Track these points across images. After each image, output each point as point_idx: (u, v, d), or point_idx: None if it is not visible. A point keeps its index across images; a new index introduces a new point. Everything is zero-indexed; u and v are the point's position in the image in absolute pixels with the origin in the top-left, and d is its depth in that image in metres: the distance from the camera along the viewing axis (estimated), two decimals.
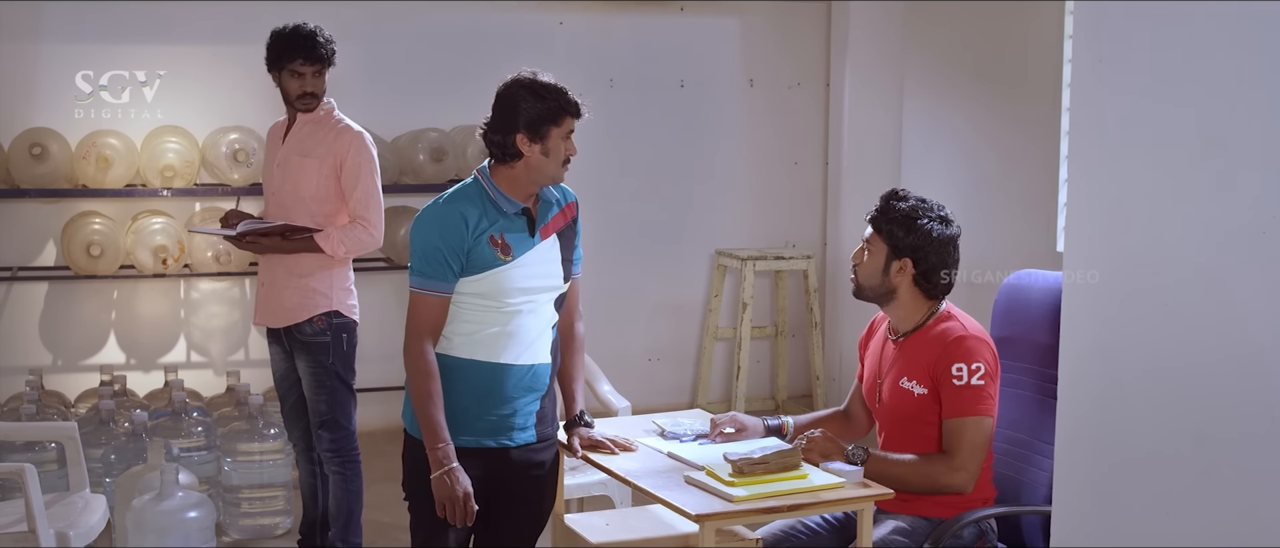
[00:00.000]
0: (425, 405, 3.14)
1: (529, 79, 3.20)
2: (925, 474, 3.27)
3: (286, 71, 4.26)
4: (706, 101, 6.84)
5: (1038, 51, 5.73)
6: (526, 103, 3.16)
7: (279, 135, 4.42)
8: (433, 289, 3.16)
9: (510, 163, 3.19)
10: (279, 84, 4.31)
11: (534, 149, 3.17)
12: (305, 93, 4.27)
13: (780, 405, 6.93)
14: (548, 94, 3.17)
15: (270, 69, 4.31)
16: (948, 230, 3.37)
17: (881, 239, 3.39)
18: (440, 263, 3.13)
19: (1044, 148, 5.67)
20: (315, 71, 4.27)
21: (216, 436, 5.12)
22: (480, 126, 3.24)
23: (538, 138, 3.16)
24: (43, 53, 5.92)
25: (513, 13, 6.46)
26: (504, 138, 3.17)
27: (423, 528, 3.28)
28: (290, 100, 4.31)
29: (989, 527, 3.33)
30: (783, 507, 3.06)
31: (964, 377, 3.25)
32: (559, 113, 3.18)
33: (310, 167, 4.28)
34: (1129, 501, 2.39)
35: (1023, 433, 3.46)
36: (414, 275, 3.18)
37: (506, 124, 3.17)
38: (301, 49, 4.24)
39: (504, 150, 3.18)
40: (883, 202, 3.42)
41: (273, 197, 4.38)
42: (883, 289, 3.40)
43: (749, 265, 6.54)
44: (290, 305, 4.29)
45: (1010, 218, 5.82)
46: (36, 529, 3.86)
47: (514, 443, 3.25)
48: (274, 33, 4.30)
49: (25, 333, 6.05)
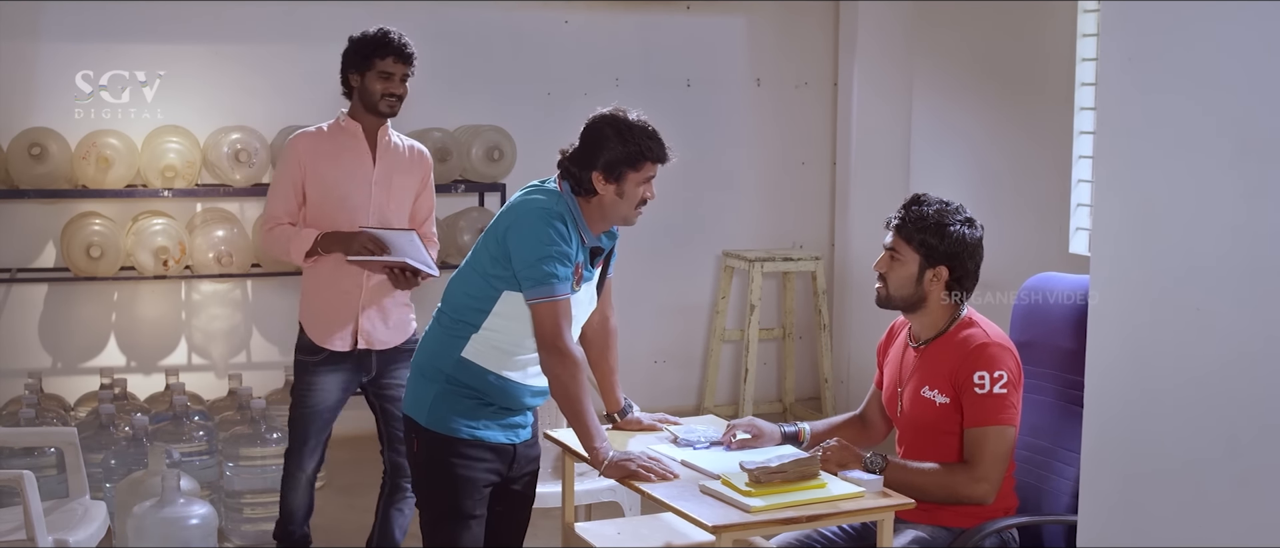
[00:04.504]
0: (581, 403, 3.19)
1: (619, 117, 3.21)
2: (945, 484, 3.21)
3: (373, 72, 4.12)
4: (713, 101, 6.80)
5: (1050, 51, 5.67)
6: (611, 142, 3.18)
7: (334, 146, 4.19)
8: (562, 291, 3.17)
9: (586, 196, 3.23)
10: (360, 86, 4.15)
11: (609, 189, 3.20)
12: (391, 94, 4.13)
13: (788, 408, 6.88)
14: (632, 137, 3.18)
15: (351, 71, 4.17)
16: (976, 233, 3.32)
17: (912, 247, 3.31)
18: (558, 259, 3.15)
19: (1056, 149, 5.62)
20: (404, 73, 4.15)
21: (218, 440, 5.07)
22: (562, 153, 3.26)
23: (614, 179, 3.19)
24: (42, 52, 5.88)
25: (518, 11, 6.42)
26: (581, 172, 3.20)
27: (441, 529, 3.29)
28: (374, 103, 4.14)
29: (1011, 537, 3.28)
30: (801, 517, 3.00)
31: (986, 385, 3.19)
32: (640, 158, 3.20)
33: (409, 186, 4.23)
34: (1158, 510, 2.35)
35: (1044, 440, 3.40)
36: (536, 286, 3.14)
37: (586, 159, 3.20)
38: (392, 48, 4.13)
39: (579, 184, 3.21)
40: (907, 209, 3.34)
41: (375, 214, 4.17)
42: (915, 298, 3.34)
43: (756, 267, 6.49)
44: (394, 325, 4.22)
45: (1021, 220, 5.77)
46: (35, 537, 3.81)
47: (520, 440, 3.33)
48: (358, 35, 4.21)
49: (24, 335, 5.99)
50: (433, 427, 3.25)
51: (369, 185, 4.18)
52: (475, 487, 3.26)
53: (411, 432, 3.32)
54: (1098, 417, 2.47)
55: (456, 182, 6.01)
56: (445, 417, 3.24)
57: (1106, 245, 2.45)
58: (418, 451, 3.31)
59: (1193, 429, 2.27)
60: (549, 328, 3.16)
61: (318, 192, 4.17)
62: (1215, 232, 2.21)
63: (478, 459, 3.24)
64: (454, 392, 3.25)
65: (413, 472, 3.43)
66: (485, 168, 6.05)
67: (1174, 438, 2.30)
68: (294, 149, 4.20)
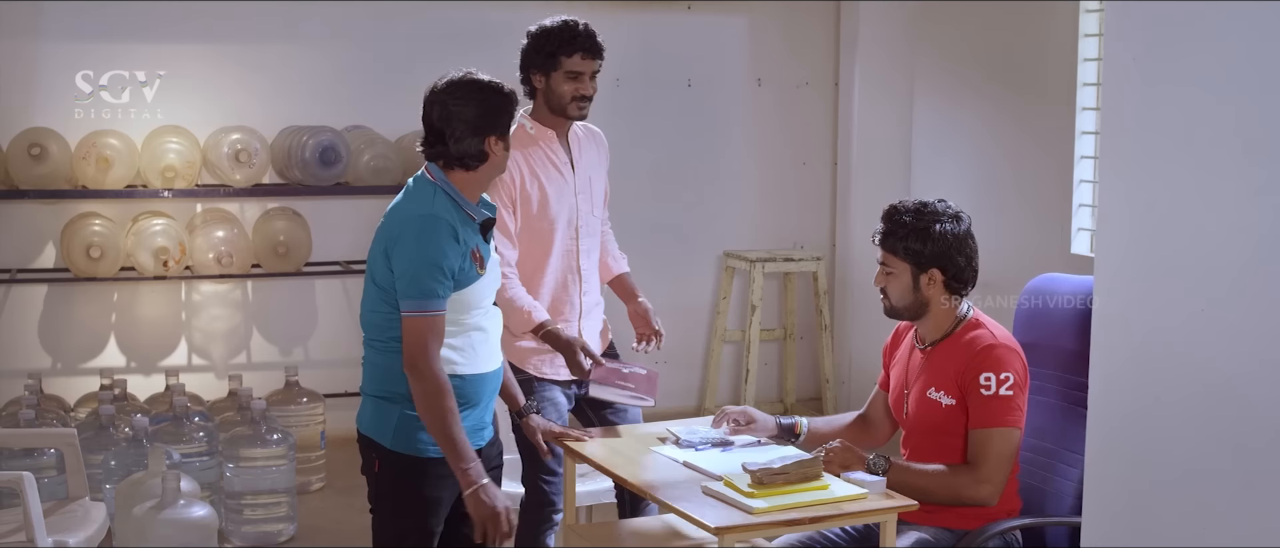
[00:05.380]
0: (450, 424, 3.04)
1: (478, 79, 3.14)
2: (949, 486, 3.20)
3: (561, 72, 3.68)
4: (713, 101, 6.78)
5: (1052, 51, 5.66)
6: (491, 101, 3.12)
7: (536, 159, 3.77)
8: (436, 308, 3.05)
9: (474, 168, 3.13)
10: (545, 87, 3.73)
11: (499, 147, 3.14)
12: (582, 96, 3.71)
13: (789, 409, 6.87)
14: (500, 89, 3.14)
15: (534, 70, 3.73)
16: (960, 226, 3.30)
17: (899, 258, 3.31)
18: (442, 276, 3.04)
19: (1058, 149, 5.61)
20: (594, 70, 3.73)
21: (218, 441, 5.05)
22: (422, 144, 3.16)
23: (504, 135, 3.14)
24: (42, 52, 5.86)
25: (519, 11, 6.36)
26: (462, 146, 3.10)
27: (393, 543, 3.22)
28: (563, 106, 3.72)
29: (1014, 538, 3.27)
30: (804, 519, 2.99)
31: (992, 387, 3.18)
32: (514, 106, 3.17)
33: (600, 180, 3.96)
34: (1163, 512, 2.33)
35: (1048, 442, 3.39)
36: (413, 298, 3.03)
37: (473, 129, 3.09)
38: (580, 42, 3.68)
39: (460, 159, 3.11)
40: (886, 221, 3.33)
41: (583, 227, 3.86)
42: (917, 305, 3.33)
43: (757, 267, 6.48)
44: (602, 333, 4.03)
45: (1023, 220, 5.76)
46: (35, 539, 3.79)
47: (483, 443, 3.23)
48: (542, 29, 3.73)
49: (24, 336, 5.98)
50: (398, 448, 3.13)
51: (573, 196, 3.82)
52: (442, 505, 3.18)
53: (372, 452, 3.19)
54: (1102, 419, 2.45)
55: None
56: (411, 438, 3.12)
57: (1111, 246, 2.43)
58: (379, 472, 3.19)
59: (1198, 431, 2.25)
60: (414, 344, 3.03)
61: (527, 210, 3.76)
62: (1221, 232, 2.20)
63: (445, 476, 3.13)
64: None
65: (373, 492, 3.24)
66: None
67: (1179, 440, 2.29)
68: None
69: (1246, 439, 2.16)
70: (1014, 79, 5.97)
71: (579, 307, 3.90)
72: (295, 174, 5.84)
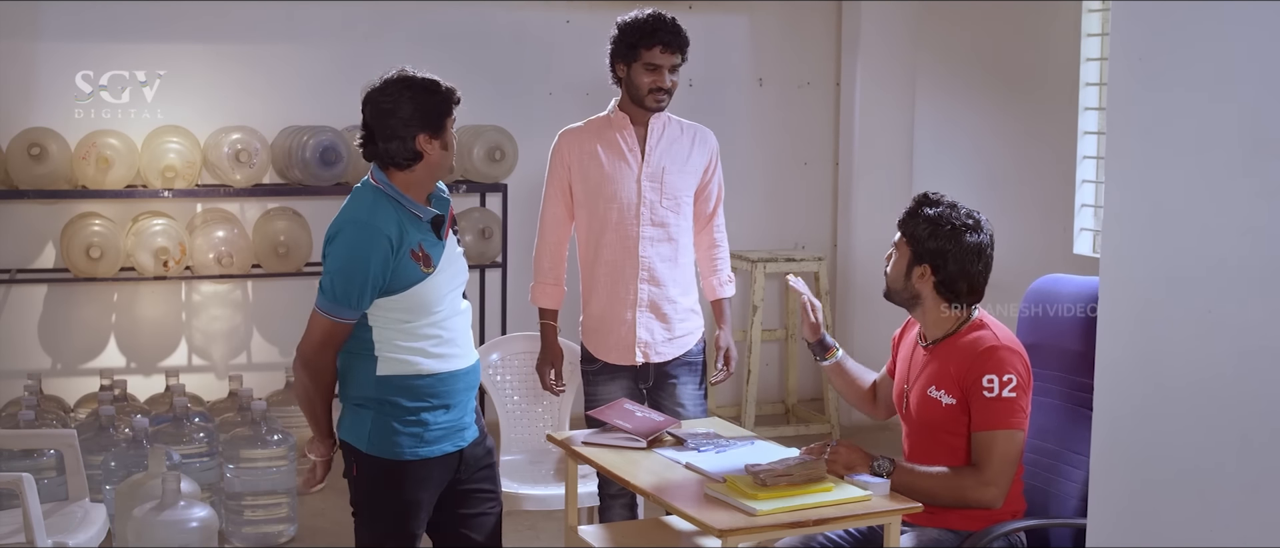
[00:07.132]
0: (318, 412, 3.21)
1: (409, 77, 3.13)
2: (953, 488, 3.18)
3: (640, 63, 3.75)
4: (715, 101, 6.76)
5: (1054, 51, 5.66)
6: (421, 99, 3.10)
7: (600, 141, 3.88)
8: (347, 316, 3.08)
9: (409, 167, 3.11)
10: (626, 78, 3.80)
11: (434, 146, 3.11)
12: (660, 89, 3.78)
13: (790, 409, 6.86)
14: (435, 88, 3.12)
15: (617, 60, 3.80)
16: (974, 238, 3.28)
17: (905, 241, 3.34)
18: (362, 289, 3.04)
19: (1060, 149, 5.60)
20: (673, 63, 3.78)
21: (219, 441, 5.04)
22: (359, 138, 3.16)
23: (438, 133, 3.11)
24: (42, 52, 5.85)
25: (519, 11, 6.39)
26: (401, 142, 3.08)
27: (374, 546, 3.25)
28: (640, 97, 3.79)
29: (1018, 540, 3.25)
30: (807, 521, 2.97)
31: (995, 389, 3.16)
32: (450, 104, 3.15)
33: (689, 176, 3.94)
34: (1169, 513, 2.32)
35: (1052, 443, 3.38)
36: (328, 299, 3.05)
37: (402, 127, 3.08)
38: (662, 35, 3.74)
39: (397, 158, 3.10)
40: (913, 204, 3.36)
41: (647, 212, 3.88)
42: (907, 294, 3.35)
43: (759, 267, 6.47)
44: (678, 334, 3.97)
45: (1025, 220, 5.75)
46: (35, 540, 3.79)
47: (465, 443, 3.23)
48: (627, 21, 3.80)
49: (24, 336, 5.97)
50: (374, 452, 3.14)
51: (635, 182, 3.88)
52: (421, 508, 3.20)
53: (350, 457, 3.22)
54: (1107, 420, 2.44)
55: (458, 182, 5.99)
56: (388, 441, 3.13)
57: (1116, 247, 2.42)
58: (357, 475, 3.21)
59: (1204, 433, 2.24)
60: (313, 339, 3.09)
61: (584, 191, 3.89)
62: (1227, 233, 2.18)
63: (423, 479, 3.16)
64: (391, 412, 3.13)
65: (353, 496, 3.28)
66: (487, 168, 6.02)
67: (1185, 441, 2.28)
68: (558, 149, 3.95)
69: (1252, 441, 2.15)
70: (1016, 79, 5.96)
71: (635, 296, 3.89)
72: (295, 174, 5.83)
